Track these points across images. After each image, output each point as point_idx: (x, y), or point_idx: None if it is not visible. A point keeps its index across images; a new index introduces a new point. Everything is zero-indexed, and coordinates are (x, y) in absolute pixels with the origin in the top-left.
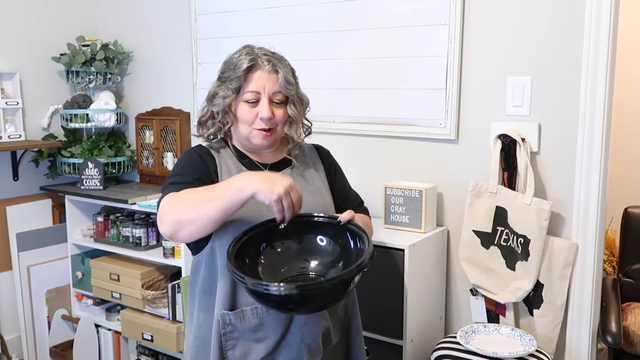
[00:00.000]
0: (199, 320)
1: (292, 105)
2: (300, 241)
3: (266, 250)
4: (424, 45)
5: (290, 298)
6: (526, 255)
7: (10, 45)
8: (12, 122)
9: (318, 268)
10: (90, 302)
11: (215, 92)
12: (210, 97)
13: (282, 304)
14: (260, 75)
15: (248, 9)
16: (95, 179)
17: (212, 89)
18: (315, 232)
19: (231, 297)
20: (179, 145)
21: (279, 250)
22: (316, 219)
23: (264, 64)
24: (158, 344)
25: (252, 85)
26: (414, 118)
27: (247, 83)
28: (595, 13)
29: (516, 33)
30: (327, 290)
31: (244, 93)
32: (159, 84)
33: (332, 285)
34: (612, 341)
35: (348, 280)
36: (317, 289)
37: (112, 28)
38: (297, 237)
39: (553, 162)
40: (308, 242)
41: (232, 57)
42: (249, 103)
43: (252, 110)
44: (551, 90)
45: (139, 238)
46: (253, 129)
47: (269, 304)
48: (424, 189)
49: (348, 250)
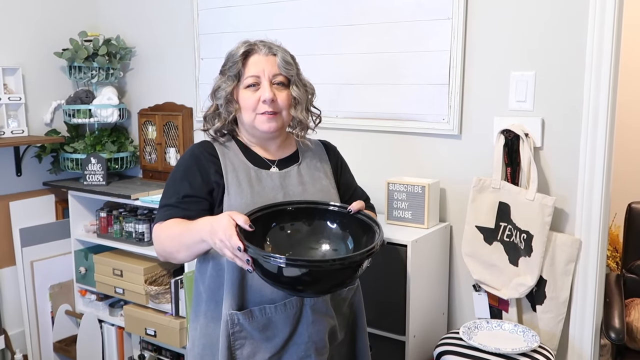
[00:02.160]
0: (206, 318)
1: (295, 87)
2: (310, 224)
3: (275, 230)
4: (427, 40)
5: (300, 277)
6: (529, 251)
7: (13, 41)
8: (15, 117)
9: (328, 252)
10: (94, 298)
11: (218, 86)
12: (214, 91)
13: (292, 283)
14: (258, 59)
15: (250, 3)
16: (98, 175)
17: (215, 83)
18: (325, 218)
19: (239, 297)
20: (181, 141)
21: (289, 232)
22: (327, 207)
23: (260, 48)
24: (161, 340)
25: (251, 70)
26: (416, 113)
27: (245, 68)
28: (599, 8)
29: (519, 28)
30: (336, 271)
31: (245, 79)
32: (161, 79)
33: (342, 265)
34: (615, 337)
35: (358, 263)
36: (326, 268)
37: (115, 23)
38: (307, 221)
39: (556, 157)
40: (318, 226)
41: (230, 50)
42: (251, 88)
43: (254, 95)
44: (555, 85)
45: (141, 233)
46: (257, 115)
47: (279, 283)
48: (426, 185)
49: (358, 238)
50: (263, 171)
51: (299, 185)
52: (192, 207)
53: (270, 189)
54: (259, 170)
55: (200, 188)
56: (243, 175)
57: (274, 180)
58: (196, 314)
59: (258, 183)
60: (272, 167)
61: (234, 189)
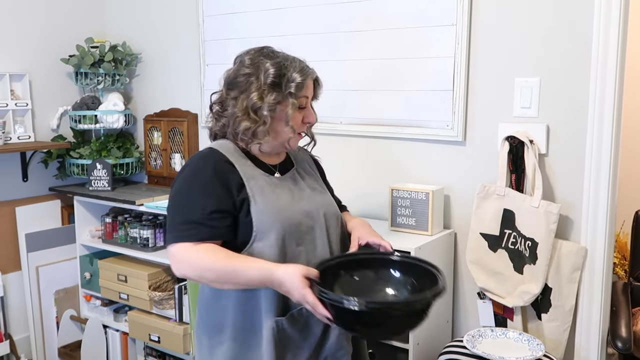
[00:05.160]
0: (235, 330)
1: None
2: (375, 272)
3: (344, 277)
4: (431, 46)
5: (374, 319)
6: (534, 258)
7: (20, 47)
8: (21, 123)
9: (392, 297)
10: (99, 303)
11: (276, 100)
12: (256, 102)
13: (368, 323)
14: (309, 83)
15: (255, 10)
16: (103, 180)
17: (259, 93)
18: (387, 265)
19: (280, 303)
20: (186, 147)
21: (356, 278)
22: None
23: (311, 71)
24: (165, 345)
25: (305, 92)
26: (420, 119)
27: (301, 89)
28: (605, 14)
29: (524, 34)
30: (409, 313)
31: (299, 98)
32: (167, 86)
33: (423, 304)
34: (622, 346)
35: (428, 303)
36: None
37: (121, 30)
38: (372, 269)
39: (561, 164)
40: (383, 273)
41: (279, 63)
42: (299, 109)
43: (299, 116)
44: (559, 91)
45: (146, 239)
46: (295, 134)
47: (352, 327)
48: (430, 191)
49: (420, 283)
50: (272, 177)
51: (307, 188)
52: (221, 224)
53: (286, 194)
54: (269, 176)
55: (227, 201)
56: (261, 182)
57: (285, 185)
58: (218, 329)
59: (274, 189)
60: (275, 172)
61: (259, 198)
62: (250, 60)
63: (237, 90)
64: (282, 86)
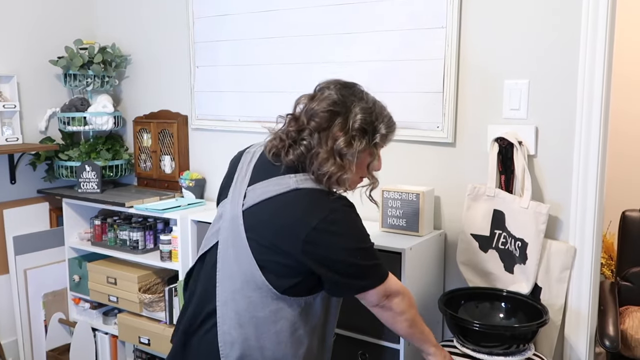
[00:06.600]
0: (309, 356)
1: None
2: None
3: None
4: (421, 48)
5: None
6: (524, 258)
7: (8, 48)
8: (9, 125)
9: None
10: (88, 306)
11: (355, 139)
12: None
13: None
14: (392, 136)
15: (245, 12)
16: (92, 182)
17: (345, 135)
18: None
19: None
20: (176, 149)
21: (477, 307)
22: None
23: (395, 124)
24: (155, 348)
25: (386, 143)
26: (411, 121)
27: (384, 141)
28: (592, 16)
29: (513, 36)
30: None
31: (379, 150)
32: (156, 87)
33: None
34: (610, 345)
35: (529, 332)
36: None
37: (110, 31)
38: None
39: (550, 165)
40: (496, 305)
41: (370, 109)
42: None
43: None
44: (548, 93)
45: (136, 241)
46: (361, 180)
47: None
48: (421, 192)
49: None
50: None
51: None
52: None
53: None
54: None
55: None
56: None
57: None
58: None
59: None
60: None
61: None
62: (340, 95)
63: (319, 123)
64: (369, 134)
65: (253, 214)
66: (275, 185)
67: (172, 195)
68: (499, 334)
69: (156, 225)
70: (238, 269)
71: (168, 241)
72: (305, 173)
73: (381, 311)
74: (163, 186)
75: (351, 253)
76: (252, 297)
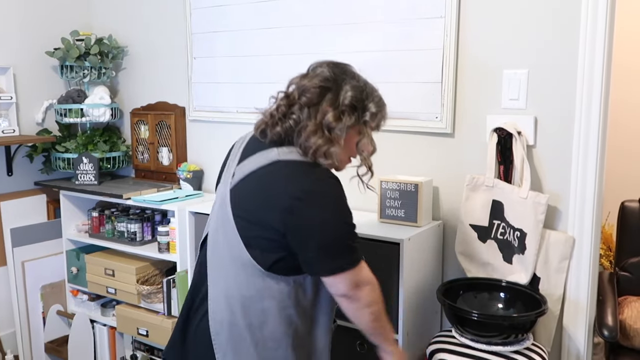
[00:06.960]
0: (298, 338)
1: None
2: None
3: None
4: (420, 38)
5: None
6: (523, 248)
7: (4, 40)
8: (6, 117)
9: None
10: (86, 298)
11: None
12: (336, 116)
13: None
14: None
15: (243, 2)
16: (90, 174)
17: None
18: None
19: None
20: (174, 140)
21: (476, 297)
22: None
23: (385, 105)
24: (153, 339)
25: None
26: (409, 111)
27: (374, 120)
28: (592, 5)
29: (512, 26)
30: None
31: (369, 127)
32: (154, 79)
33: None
34: (608, 335)
35: (528, 322)
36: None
37: (107, 22)
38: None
39: (549, 155)
40: (495, 296)
41: (360, 87)
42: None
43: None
44: (547, 83)
45: (134, 233)
46: (350, 161)
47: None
48: (419, 183)
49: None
50: None
51: None
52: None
53: None
54: None
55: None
56: None
57: None
58: (280, 340)
59: None
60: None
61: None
62: (332, 73)
63: (310, 99)
64: (358, 112)
65: (239, 189)
66: (258, 158)
67: (169, 187)
68: (497, 323)
69: (154, 216)
70: (226, 247)
71: (166, 233)
72: (291, 146)
73: (348, 302)
74: (161, 178)
75: (332, 227)
76: (239, 275)
